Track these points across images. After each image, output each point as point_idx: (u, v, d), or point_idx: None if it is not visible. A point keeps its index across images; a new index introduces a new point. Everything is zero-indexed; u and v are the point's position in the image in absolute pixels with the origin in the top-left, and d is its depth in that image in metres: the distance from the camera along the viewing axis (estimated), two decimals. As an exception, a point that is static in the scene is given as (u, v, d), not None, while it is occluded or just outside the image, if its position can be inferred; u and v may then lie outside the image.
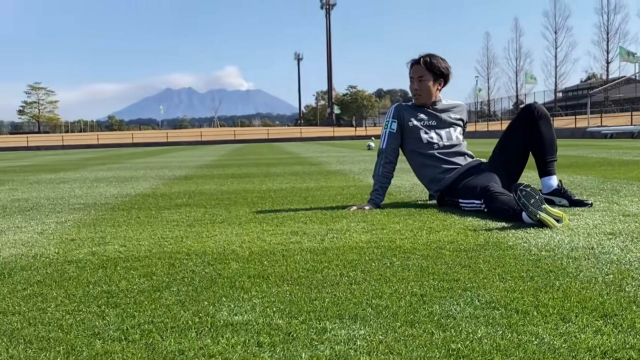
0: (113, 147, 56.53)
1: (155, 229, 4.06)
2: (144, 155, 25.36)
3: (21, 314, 2.15)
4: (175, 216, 4.72)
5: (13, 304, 2.28)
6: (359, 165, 11.83)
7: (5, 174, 12.39)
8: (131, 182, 8.71)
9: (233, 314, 2.07)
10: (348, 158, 15.56)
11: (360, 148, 25.85)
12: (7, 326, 2.01)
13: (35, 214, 5.13)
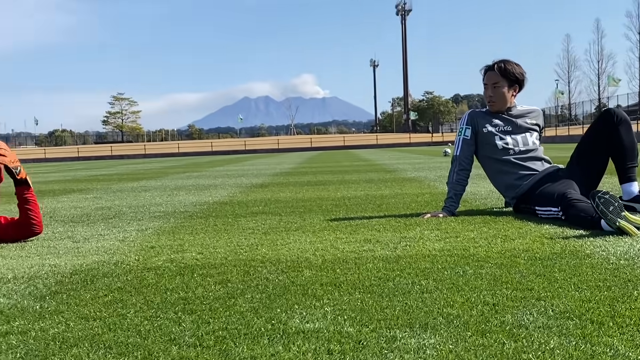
0: (193, 156, 57.84)
1: (232, 237, 4.15)
2: (222, 163, 25.85)
3: (102, 319, 2.24)
4: (251, 224, 4.81)
5: (95, 309, 2.38)
6: (434, 172, 11.73)
7: (90, 182, 12.87)
8: (209, 190, 8.90)
9: (305, 322, 2.10)
10: (424, 165, 15.44)
11: (436, 154, 25.62)
12: (89, 331, 2.10)
13: (117, 221, 5.31)
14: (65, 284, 2.85)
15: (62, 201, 7.81)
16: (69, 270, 3.18)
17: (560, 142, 49.28)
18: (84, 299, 2.55)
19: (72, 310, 2.38)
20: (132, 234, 4.47)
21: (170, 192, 8.96)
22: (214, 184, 10.65)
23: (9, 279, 3.01)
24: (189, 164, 26.12)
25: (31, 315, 2.32)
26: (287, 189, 8.49)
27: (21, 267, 3.31)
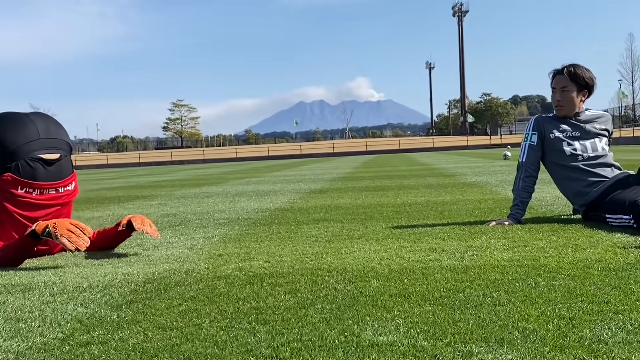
0: (250, 161, 58.48)
1: (296, 245, 4.19)
2: (280, 168, 26.05)
3: (179, 329, 2.29)
4: (314, 231, 4.84)
5: (171, 319, 2.43)
6: (495, 176, 11.57)
7: (154, 189, 13.13)
8: (270, 196, 8.99)
9: (378, 334, 2.10)
10: (483, 169, 15.25)
11: (495, 157, 25.28)
12: (167, 341, 2.15)
13: (184, 229, 5.42)
14: (139, 293, 2.93)
15: (128, 208, 8.00)
16: (142, 279, 3.26)
17: (625, 144, 48.01)
18: (159, 308, 2.61)
19: (148, 319, 2.44)
20: (199, 242, 4.55)
21: (232, 198, 9.08)
22: (273, 189, 10.74)
23: (84, 288, 3.10)
24: (247, 169, 26.41)
25: (109, 325, 2.39)
26: (346, 195, 8.50)
27: (95, 276, 3.40)
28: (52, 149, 4.23)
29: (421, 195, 7.82)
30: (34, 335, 2.30)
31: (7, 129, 4.14)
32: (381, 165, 22.24)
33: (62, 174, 4.24)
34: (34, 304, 2.80)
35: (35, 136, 4.17)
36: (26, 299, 2.93)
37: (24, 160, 4.08)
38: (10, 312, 2.67)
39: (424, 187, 9.34)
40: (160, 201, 9.11)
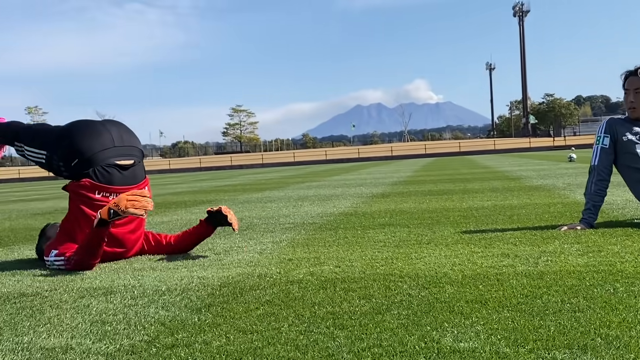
0: (308, 164, 58.73)
1: (365, 250, 4.21)
2: (339, 172, 26.11)
3: (259, 332, 2.34)
4: (380, 236, 4.85)
5: (250, 322, 2.49)
6: (562, 179, 11.36)
7: (217, 193, 13.35)
8: (332, 201, 9.03)
9: (458, 341, 2.11)
10: (549, 171, 14.98)
11: (560, 160, 24.78)
12: (249, 344, 2.20)
13: (252, 233, 5.50)
14: (216, 297, 3.00)
15: (194, 212, 8.15)
16: (217, 282, 3.33)
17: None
18: (238, 312, 2.67)
19: (228, 323, 2.50)
20: (268, 246, 4.62)
21: (294, 202, 9.16)
22: (334, 194, 10.79)
23: (163, 291, 3.19)
24: (306, 173, 26.56)
25: (192, 328, 2.46)
26: (410, 199, 8.48)
27: (172, 280, 3.50)
28: (126, 156, 4.39)
29: (487, 199, 7.74)
30: (120, 337, 2.38)
31: (84, 136, 4.32)
32: (442, 169, 22.07)
33: (136, 179, 4.38)
34: (117, 307, 2.90)
35: (110, 144, 4.34)
36: (109, 302, 3.03)
37: (100, 166, 4.24)
38: (95, 315, 2.77)
39: (489, 191, 9.24)
40: (225, 206, 9.24)
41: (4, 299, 3.23)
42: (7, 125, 4.91)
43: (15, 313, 2.90)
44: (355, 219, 6.23)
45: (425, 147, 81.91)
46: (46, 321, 2.71)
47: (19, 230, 7.16)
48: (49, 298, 3.19)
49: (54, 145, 4.41)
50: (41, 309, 2.94)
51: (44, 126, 4.80)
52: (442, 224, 5.40)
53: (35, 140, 4.57)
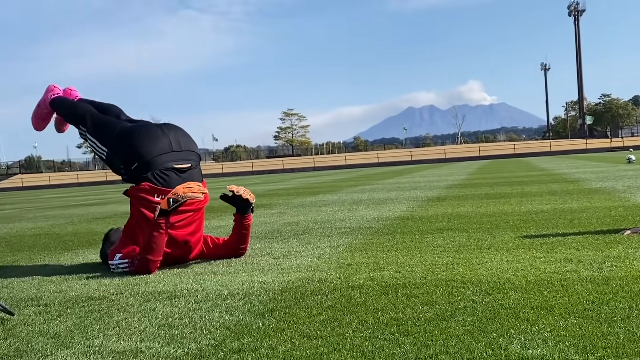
0: (360, 168, 58.63)
1: (424, 255, 4.19)
2: (392, 175, 26.00)
3: (324, 338, 2.36)
4: (439, 241, 4.82)
5: (313, 328, 2.51)
6: (621, 181, 11.09)
7: (271, 197, 13.44)
8: (387, 204, 9.00)
9: (526, 348, 2.09)
10: (607, 173, 14.63)
11: (619, 161, 24.19)
12: (315, 350, 2.22)
13: (308, 237, 5.53)
14: (278, 301, 3.03)
15: (251, 217, 8.23)
16: (278, 287, 3.36)
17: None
18: (301, 317, 2.69)
19: (292, 328, 2.53)
20: (326, 251, 4.64)
21: (349, 206, 9.16)
22: (389, 197, 10.75)
23: (225, 296, 3.24)
24: (359, 177, 26.52)
25: (256, 332, 2.49)
26: (467, 203, 8.39)
27: (233, 284, 3.54)
28: (184, 160, 4.48)
29: (546, 203, 7.61)
30: (188, 341, 2.43)
31: (143, 140, 4.44)
32: (497, 171, 21.77)
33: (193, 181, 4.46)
34: (182, 311, 2.95)
35: (168, 148, 4.45)
36: (173, 305, 3.09)
37: (158, 169, 4.35)
38: (161, 319, 2.82)
39: (547, 194, 9.08)
40: (280, 209, 9.32)
41: (72, 302, 3.32)
42: (74, 105, 5.05)
43: (85, 316, 2.98)
44: (412, 223, 6.20)
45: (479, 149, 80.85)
46: (115, 324, 2.77)
47: (81, 234, 7.35)
48: (115, 302, 3.27)
49: (114, 144, 4.54)
50: (109, 313, 3.02)
51: (108, 118, 4.87)
52: (501, 229, 5.34)
53: (97, 132, 4.72)
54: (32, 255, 5.52)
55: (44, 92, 5.29)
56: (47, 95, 5.23)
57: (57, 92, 5.23)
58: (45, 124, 5.38)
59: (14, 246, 6.43)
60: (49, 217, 11.08)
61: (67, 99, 5.18)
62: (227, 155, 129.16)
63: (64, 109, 5.12)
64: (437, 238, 4.99)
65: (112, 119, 4.85)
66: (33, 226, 9.18)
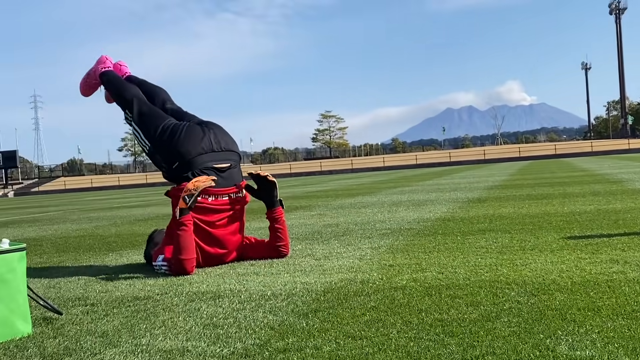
0: (398, 169, 58.43)
1: (467, 256, 4.16)
2: (431, 176, 25.86)
3: (368, 338, 2.36)
4: (482, 242, 4.78)
5: (358, 328, 2.51)
6: (667, 182, 10.86)
7: (310, 199, 13.48)
8: (427, 206, 8.96)
9: (574, 349, 2.06)
10: (652, 174, 14.34)
11: (663, 161, 23.67)
12: (360, 350, 2.22)
13: (349, 239, 5.53)
14: (321, 302, 3.04)
15: (291, 218, 8.26)
16: (321, 288, 3.37)
17: None
18: (345, 318, 2.70)
19: (336, 328, 2.53)
20: (367, 252, 4.64)
21: (389, 208, 9.14)
22: (429, 199, 10.69)
23: (268, 296, 3.26)
24: (397, 178, 26.43)
25: (301, 333, 2.50)
26: (508, 204, 8.31)
27: (276, 285, 3.57)
28: (224, 160, 4.53)
29: (589, 204, 7.50)
30: (233, 340, 2.45)
31: (184, 140, 4.50)
32: (538, 172, 21.49)
33: (233, 181, 4.51)
34: (226, 311, 2.98)
35: (209, 148, 4.51)
36: (218, 305, 3.12)
37: (198, 169, 4.41)
38: (206, 319, 2.86)
39: (590, 195, 8.94)
40: (319, 211, 9.34)
41: (118, 302, 3.38)
42: (123, 86, 5.07)
43: (131, 316, 3.03)
44: (454, 225, 6.16)
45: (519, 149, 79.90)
46: (161, 324, 2.81)
47: (124, 235, 7.46)
48: (160, 301, 3.31)
49: (157, 141, 4.61)
50: (155, 312, 3.06)
51: (155, 109, 4.91)
52: (544, 230, 5.28)
53: (142, 123, 4.78)
54: (77, 256, 5.62)
55: (95, 62, 5.34)
56: (98, 67, 5.28)
57: (108, 65, 5.28)
58: (91, 92, 5.43)
59: (60, 247, 6.56)
60: (92, 219, 11.28)
61: (117, 77, 5.21)
62: (265, 158, 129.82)
63: (112, 87, 5.14)
64: (480, 239, 4.95)
65: (158, 111, 4.89)
66: (77, 228, 9.35)
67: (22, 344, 2.61)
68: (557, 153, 70.40)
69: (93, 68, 5.33)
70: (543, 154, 71.23)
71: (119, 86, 5.10)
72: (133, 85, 5.13)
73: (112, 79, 5.19)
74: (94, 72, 5.30)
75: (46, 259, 5.61)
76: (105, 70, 5.25)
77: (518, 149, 79.30)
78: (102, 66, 5.27)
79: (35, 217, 13.85)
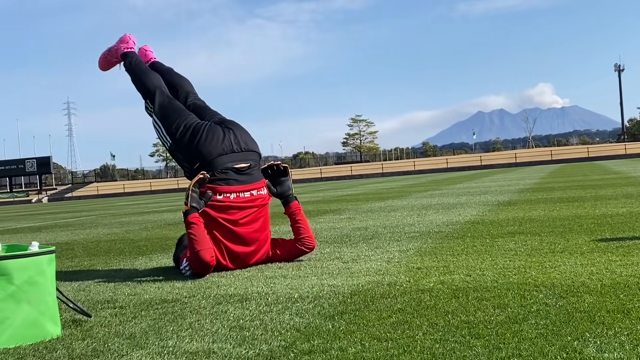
0: (429, 173, 58.16)
1: (495, 258, 4.13)
2: (461, 180, 25.69)
3: (394, 340, 2.35)
4: (510, 245, 4.74)
5: (384, 330, 2.50)
6: (703, 184, 10.65)
7: (340, 203, 13.48)
8: (456, 209, 8.90)
9: (602, 352, 2.03)
10: (687, 176, 14.08)
11: (699, 163, 23.22)
12: (385, 352, 2.21)
13: (377, 242, 5.52)
14: (348, 304, 3.03)
15: (320, 222, 8.27)
16: (348, 290, 3.37)
17: None
18: (370, 320, 2.69)
19: (362, 330, 2.53)
20: (395, 255, 4.62)
21: (418, 211, 9.10)
22: (459, 202, 10.62)
23: (295, 299, 3.26)
24: (428, 182, 26.31)
25: (326, 335, 2.50)
26: (538, 207, 8.22)
27: (303, 287, 3.57)
28: (244, 160, 4.56)
29: (622, 206, 7.38)
30: (259, 342, 2.46)
31: (206, 141, 4.54)
32: (570, 175, 21.24)
33: (253, 179, 4.54)
34: (253, 313, 2.99)
35: (229, 149, 4.54)
36: (244, 308, 3.13)
37: (219, 170, 4.44)
38: (233, 321, 2.87)
39: (623, 197, 8.81)
40: (349, 215, 9.33)
41: (147, 304, 3.41)
42: (146, 74, 5.03)
43: (159, 318, 3.05)
44: (483, 228, 6.11)
45: (551, 152, 79.00)
46: (188, 326, 2.83)
47: (154, 239, 7.53)
48: (188, 304, 3.34)
49: (178, 139, 4.64)
50: (182, 315, 3.09)
51: (176, 104, 4.90)
52: (575, 232, 5.21)
53: (164, 117, 4.78)
54: (107, 260, 5.69)
55: (117, 40, 5.29)
56: (120, 45, 5.24)
57: (131, 45, 5.23)
58: (110, 68, 5.40)
59: (91, 251, 6.65)
60: (124, 224, 11.40)
61: (139, 63, 5.14)
62: (296, 162, 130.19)
63: (134, 74, 5.08)
64: (509, 242, 4.90)
65: (179, 106, 4.88)
66: (108, 232, 9.47)
67: (51, 345, 2.65)
68: (589, 156, 69.42)
69: (115, 46, 5.28)
70: (575, 156, 70.33)
71: (140, 74, 5.05)
72: (156, 74, 5.09)
73: (134, 64, 5.12)
74: (116, 50, 5.25)
75: (77, 262, 5.69)
76: (127, 52, 5.19)
77: (550, 152, 78.43)
78: (124, 46, 5.21)
79: (68, 222, 14.05)
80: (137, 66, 5.11)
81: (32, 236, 9.96)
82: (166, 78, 5.10)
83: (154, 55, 5.36)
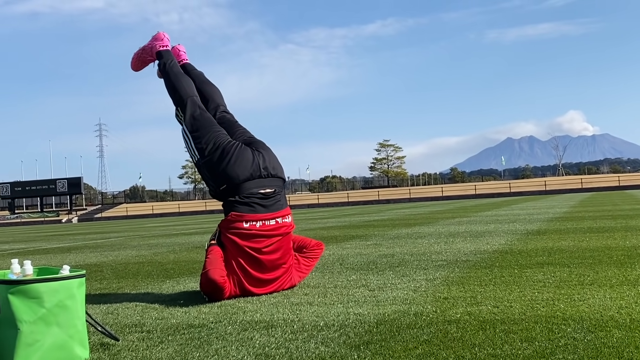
0: (457, 199, 57.78)
1: (523, 290, 4.09)
2: (489, 207, 25.48)
3: (419, 372, 2.34)
4: (539, 276, 4.69)
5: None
6: None
7: (366, 228, 13.45)
8: (485, 237, 8.84)
9: (631, 390, 2.01)
10: None
11: None
12: (410, 384, 2.20)
13: (404, 270, 5.50)
14: (373, 334, 3.03)
15: (346, 248, 8.27)
16: (374, 320, 3.36)
17: None
18: (396, 351, 2.68)
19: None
20: (422, 284, 4.60)
21: (445, 239, 9.05)
22: (487, 230, 10.54)
23: (321, 327, 3.27)
24: (456, 209, 26.13)
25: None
26: (568, 237, 8.13)
27: (329, 315, 3.57)
28: (269, 186, 4.57)
29: (653, 238, 7.28)
30: (284, 371, 2.47)
31: (234, 164, 4.54)
32: (601, 204, 20.98)
33: (277, 206, 4.55)
34: (279, 341, 3.00)
35: (256, 174, 4.55)
36: (270, 335, 3.14)
37: (244, 194, 4.47)
38: (258, 348, 2.88)
39: (654, 229, 8.68)
40: (375, 241, 9.31)
41: (173, 329, 3.44)
42: (179, 79, 4.98)
43: (185, 343, 3.08)
44: (511, 257, 6.06)
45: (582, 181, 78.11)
46: (214, 352, 2.85)
47: (182, 262, 7.58)
48: (214, 330, 3.36)
49: (206, 157, 4.63)
50: (208, 340, 3.11)
51: (207, 117, 4.85)
52: (604, 264, 5.15)
53: (194, 130, 4.74)
54: (135, 283, 5.74)
55: (151, 38, 5.24)
56: (155, 43, 5.18)
57: (165, 43, 5.17)
58: (142, 67, 5.35)
59: (119, 273, 6.71)
60: (152, 246, 11.49)
61: (175, 66, 5.08)
62: (323, 186, 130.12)
63: (168, 78, 5.01)
64: (537, 273, 4.86)
65: (211, 120, 4.83)
66: (137, 254, 9.55)
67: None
68: (620, 185, 68.51)
69: (149, 44, 5.23)
70: (606, 185, 69.44)
71: (174, 79, 4.98)
72: (189, 80, 5.03)
73: (168, 66, 5.05)
74: (150, 48, 5.20)
75: (106, 284, 5.75)
76: (163, 50, 5.14)
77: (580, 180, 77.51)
78: (159, 44, 5.16)
79: (97, 242, 14.20)
80: (172, 69, 5.04)
81: (62, 257, 10.08)
82: (197, 84, 5.07)
83: (186, 56, 5.32)
